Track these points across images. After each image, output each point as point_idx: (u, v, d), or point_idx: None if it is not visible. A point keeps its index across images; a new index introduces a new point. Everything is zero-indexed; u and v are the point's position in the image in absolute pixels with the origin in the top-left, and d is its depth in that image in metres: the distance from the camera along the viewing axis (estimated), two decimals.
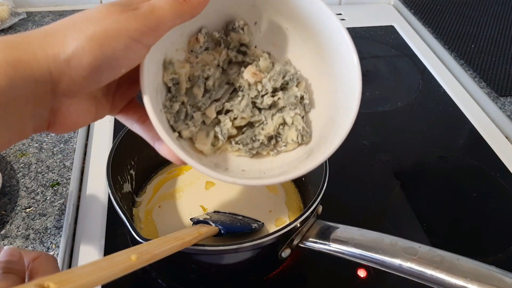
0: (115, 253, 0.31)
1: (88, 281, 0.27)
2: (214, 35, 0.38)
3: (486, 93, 0.80)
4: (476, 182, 0.65)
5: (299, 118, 0.39)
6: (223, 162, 0.38)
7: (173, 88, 0.36)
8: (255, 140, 0.38)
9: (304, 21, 0.36)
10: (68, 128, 0.30)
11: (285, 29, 0.39)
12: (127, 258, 0.31)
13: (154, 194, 0.57)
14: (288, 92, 0.39)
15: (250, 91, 0.39)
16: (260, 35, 0.39)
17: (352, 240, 0.43)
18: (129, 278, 0.31)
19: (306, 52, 0.39)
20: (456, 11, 1.03)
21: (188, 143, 0.37)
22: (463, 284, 0.36)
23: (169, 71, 0.36)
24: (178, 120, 0.36)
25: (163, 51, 0.35)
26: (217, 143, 0.38)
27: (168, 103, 0.36)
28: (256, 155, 0.39)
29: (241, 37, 0.38)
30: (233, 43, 0.39)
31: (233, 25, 0.38)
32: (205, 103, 0.38)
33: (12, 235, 0.53)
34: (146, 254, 0.33)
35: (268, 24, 0.39)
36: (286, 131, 0.39)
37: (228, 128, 0.38)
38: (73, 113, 0.29)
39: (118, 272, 0.30)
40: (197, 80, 0.37)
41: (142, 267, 0.32)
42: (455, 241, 0.57)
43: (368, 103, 0.79)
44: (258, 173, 0.38)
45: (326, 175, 0.48)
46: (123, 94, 0.34)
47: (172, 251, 0.37)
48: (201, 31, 0.37)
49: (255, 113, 0.39)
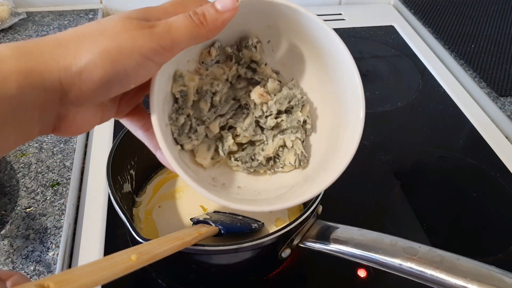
0: (115, 253, 0.31)
1: (88, 281, 0.27)
2: (227, 50, 0.38)
3: (486, 93, 0.80)
4: (476, 182, 0.65)
5: (299, 143, 0.40)
6: (220, 176, 0.39)
7: (181, 99, 0.37)
8: (254, 160, 0.39)
9: (314, 45, 0.37)
10: (73, 132, 0.30)
11: (296, 51, 0.39)
12: (127, 258, 0.31)
13: (154, 194, 0.56)
14: (292, 116, 0.40)
15: (255, 110, 0.39)
16: (272, 54, 0.40)
17: (352, 240, 0.43)
18: (129, 278, 0.31)
19: (314, 76, 0.40)
20: (456, 11, 1.03)
21: (189, 155, 0.38)
22: (463, 284, 0.36)
23: (179, 83, 0.36)
24: (182, 134, 0.37)
25: (175, 64, 0.35)
26: (217, 157, 0.39)
27: (174, 115, 0.36)
28: (253, 172, 0.40)
29: (253, 54, 0.39)
30: (244, 59, 0.39)
31: (246, 42, 0.38)
32: (210, 118, 0.38)
33: (12, 235, 0.53)
34: (146, 254, 0.33)
35: (281, 44, 0.39)
36: (285, 153, 0.40)
37: (230, 144, 0.39)
38: (79, 119, 0.30)
39: (118, 272, 0.30)
40: (205, 94, 0.38)
41: (142, 267, 0.32)
42: (455, 241, 0.57)
43: (368, 103, 0.79)
44: (254, 192, 0.39)
45: None
46: (129, 100, 0.34)
47: (172, 251, 0.37)
48: (214, 44, 0.37)
49: (257, 132, 0.40)
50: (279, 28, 0.37)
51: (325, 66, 0.38)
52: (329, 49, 0.36)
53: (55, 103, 0.27)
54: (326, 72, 0.39)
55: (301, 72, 0.40)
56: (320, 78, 0.40)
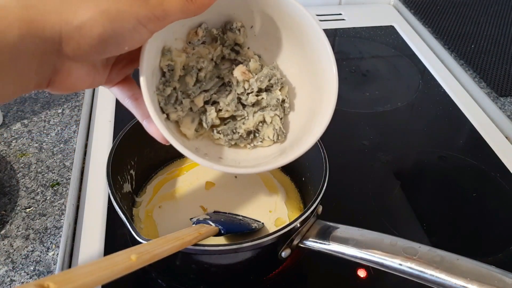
0: (115, 253, 0.31)
1: (88, 281, 0.27)
2: (212, 32, 0.41)
3: (486, 93, 0.80)
4: (476, 182, 0.65)
5: (277, 119, 0.42)
6: (203, 147, 0.42)
7: (168, 73, 0.39)
8: (235, 132, 0.42)
9: (295, 32, 0.40)
10: (65, 88, 0.32)
11: (277, 36, 0.42)
12: (127, 258, 0.31)
13: (154, 195, 0.57)
14: (272, 94, 0.43)
15: (237, 87, 0.42)
16: (254, 38, 0.43)
17: (352, 240, 0.43)
18: (129, 278, 0.31)
19: (293, 60, 0.43)
20: (456, 11, 1.04)
21: (174, 126, 0.41)
22: (463, 284, 0.36)
23: (166, 58, 0.39)
24: (168, 103, 0.39)
25: (164, 39, 0.38)
26: (200, 130, 0.42)
27: (161, 86, 0.39)
28: (234, 146, 0.43)
29: (237, 37, 0.41)
30: (228, 41, 0.42)
31: (231, 25, 0.41)
32: (194, 92, 0.41)
33: (12, 235, 0.53)
34: (146, 254, 0.33)
35: (263, 30, 0.42)
36: (264, 128, 0.43)
37: (213, 117, 0.41)
38: (73, 75, 0.32)
39: (118, 272, 0.30)
40: (191, 70, 0.41)
41: (142, 267, 0.32)
42: (455, 241, 0.57)
43: (368, 103, 0.79)
44: (234, 162, 0.42)
45: (326, 175, 0.48)
46: (120, 69, 0.36)
47: (172, 251, 0.37)
48: (201, 25, 0.40)
49: (239, 108, 0.42)
50: (261, 13, 0.40)
51: (304, 50, 0.41)
52: (307, 32, 0.39)
53: (53, 54, 0.29)
54: (305, 56, 0.41)
55: (282, 56, 0.43)
56: (298, 62, 0.42)
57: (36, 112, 0.71)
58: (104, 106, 0.74)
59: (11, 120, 0.69)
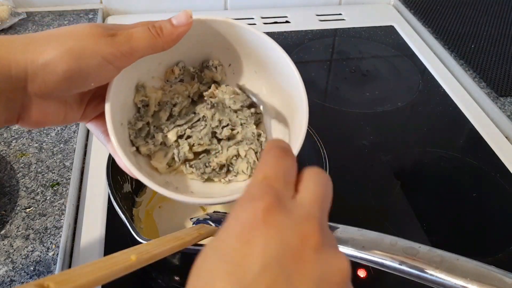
0: (115, 253, 0.31)
1: (88, 281, 0.27)
2: (189, 69, 0.42)
3: (486, 93, 0.80)
4: (476, 182, 0.65)
5: (252, 152, 0.42)
6: (175, 181, 0.41)
7: (142, 109, 0.40)
8: (208, 166, 0.41)
9: (269, 65, 0.41)
10: (35, 124, 0.33)
11: (253, 71, 0.43)
12: (127, 258, 0.31)
13: (154, 195, 0.56)
14: (247, 128, 0.42)
15: (212, 121, 0.42)
16: (233, 77, 0.43)
17: (352, 240, 0.43)
18: (129, 278, 0.31)
19: (274, 94, 0.43)
20: (456, 11, 1.04)
21: (144, 160, 0.41)
22: (463, 284, 0.36)
23: (140, 93, 0.40)
24: (138, 137, 0.40)
25: (137, 75, 0.39)
26: (173, 164, 0.41)
27: (133, 120, 0.39)
28: (208, 180, 0.42)
29: (214, 75, 0.42)
30: (206, 79, 0.43)
31: (207, 63, 0.42)
32: (168, 126, 0.41)
33: (12, 235, 0.53)
34: (146, 254, 0.33)
35: (240, 66, 0.43)
36: (238, 162, 0.42)
37: (185, 151, 0.41)
38: (42, 112, 0.33)
39: (118, 272, 0.30)
40: (165, 105, 0.41)
41: (141, 267, 0.32)
42: (455, 241, 0.57)
43: (368, 103, 0.79)
44: (206, 195, 0.41)
45: None
46: (95, 106, 0.37)
47: (172, 251, 0.37)
48: (178, 64, 0.41)
49: (213, 142, 0.42)
50: (235, 51, 0.41)
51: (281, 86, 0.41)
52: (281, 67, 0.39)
53: (20, 92, 0.30)
54: (280, 86, 0.41)
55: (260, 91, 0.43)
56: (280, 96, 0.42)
57: None
58: None
59: None
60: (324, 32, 0.98)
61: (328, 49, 0.94)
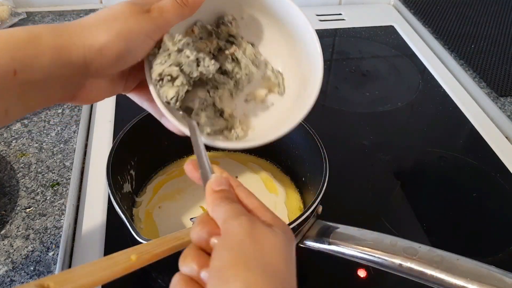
0: (115, 253, 0.31)
1: (87, 281, 0.27)
2: (207, 27, 0.44)
3: (486, 93, 0.80)
4: (476, 182, 0.65)
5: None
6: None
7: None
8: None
9: (280, 17, 0.44)
10: (88, 101, 0.38)
11: (265, 23, 0.46)
12: (127, 258, 0.31)
13: (154, 195, 0.56)
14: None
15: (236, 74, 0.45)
16: (247, 29, 0.46)
17: (352, 240, 0.43)
18: (129, 278, 0.31)
19: (283, 44, 0.46)
20: (456, 11, 1.03)
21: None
22: (463, 284, 0.36)
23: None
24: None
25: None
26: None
27: None
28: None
29: (230, 29, 0.45)
30: (223, 34, 0.45)
31: (223, 19, 0.44)
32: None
33: (12, 235, 0.53)
34: (146, 254, 0.33)
35: (252, 19, 0.46)
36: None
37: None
38: (95, 90, 0.37)
39: (118, 272, 0.30)
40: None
41: (142, 267, 0.32)
42: (455, 241, 0.57)
43: (368, 103, 0.79)
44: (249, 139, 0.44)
45: (326, 175, 0.48)
46: (134, 76, 0.40)
47: (171, 251, 0.37)
48: (196, 24, 0.43)
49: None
50: (247, 5, 0.44)
51: (292, 35, 0.44)
52: (292, 18, 0.43)
53: (78, 75, 0.34)
54: (293, 39, 0.44)
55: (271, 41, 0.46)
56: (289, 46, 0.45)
57: (36, 112, 0.70)
58: (104, 106, 0.74)
59: None
60: (324, 32, 0.98)
61: (328, 49, 0.94)
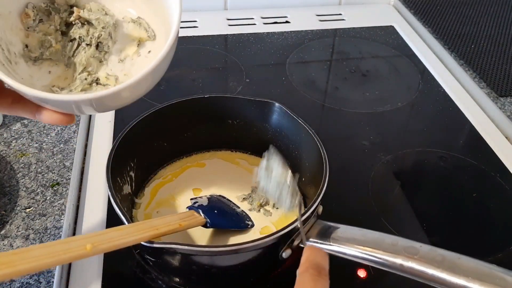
0: (72, 237, 0.30)
1: (31, 266, 0.26)
2: (41, 6, 0.40)
3: (486, 93, 0.80)
4: (476, 182, 0.65)
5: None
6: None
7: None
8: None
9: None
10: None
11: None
12: (82, 246, 0.30)
13: (152, 199, 0.56)
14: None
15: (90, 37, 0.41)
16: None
17: (352, 240, 0.43)
18: (129, 278, 0.31)
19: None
20: (456, 11, 1.04)
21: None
22: (464, 283, 0.36)
23: None
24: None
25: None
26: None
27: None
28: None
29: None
30: (62, 7, 0.41)
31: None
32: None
33: (12, 235, 0.53)
34: (103, 244, 0.32)
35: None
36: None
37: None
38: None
39: (68, 260, 0.29)
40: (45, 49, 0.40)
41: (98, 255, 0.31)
42: (455, 241, 0.57)
43: (368, 103, 0.79)
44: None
45: (326, 175, 0.48)
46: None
47: (139, 241, 0.35)
48: (27, 6, 0.40)
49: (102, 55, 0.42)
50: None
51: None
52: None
53: None
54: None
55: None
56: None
57: None
58: None
59: (11, 120, 0.68)
60: (324, 32, 0.98)
61: (328, 49, 0.94)
